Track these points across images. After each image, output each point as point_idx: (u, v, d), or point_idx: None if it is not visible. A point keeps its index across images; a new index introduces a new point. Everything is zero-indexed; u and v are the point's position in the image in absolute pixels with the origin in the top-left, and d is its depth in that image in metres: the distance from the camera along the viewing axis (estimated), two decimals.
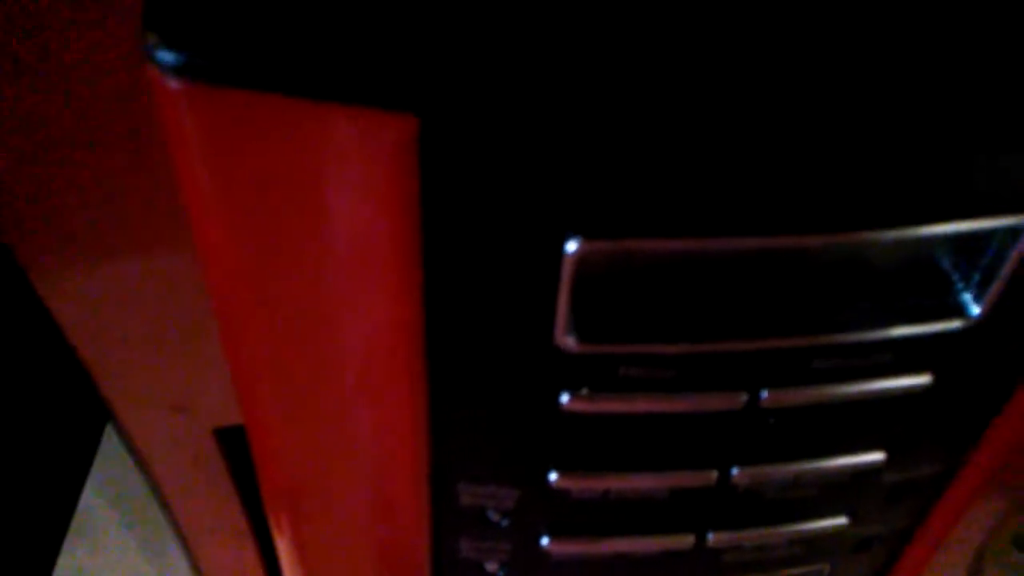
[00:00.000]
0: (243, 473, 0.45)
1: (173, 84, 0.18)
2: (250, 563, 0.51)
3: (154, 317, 0.34)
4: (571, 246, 0.21)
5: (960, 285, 0.23)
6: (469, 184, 0.20)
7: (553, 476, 0.27)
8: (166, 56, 0.18)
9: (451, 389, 0.24)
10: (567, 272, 0.21)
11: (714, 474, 0.27)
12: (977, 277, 0.23)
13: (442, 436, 0.26)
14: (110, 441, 0.85)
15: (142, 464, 0.43)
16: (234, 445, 0.43)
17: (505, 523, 0.29)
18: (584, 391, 0.24)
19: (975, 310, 0.23)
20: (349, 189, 0.20)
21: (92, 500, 0.81)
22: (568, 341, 0.22)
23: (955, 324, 0.23)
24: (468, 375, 0.24)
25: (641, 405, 0.24)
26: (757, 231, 0.21)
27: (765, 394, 0.24)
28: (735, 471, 0.27)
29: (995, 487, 0.31)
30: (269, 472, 0.29)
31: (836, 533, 0.30)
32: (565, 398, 0.24)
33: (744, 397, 0.24)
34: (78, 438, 0.81)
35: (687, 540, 0.29)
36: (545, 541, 0.29)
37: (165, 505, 0.46)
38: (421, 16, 0.18)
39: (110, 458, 0.85)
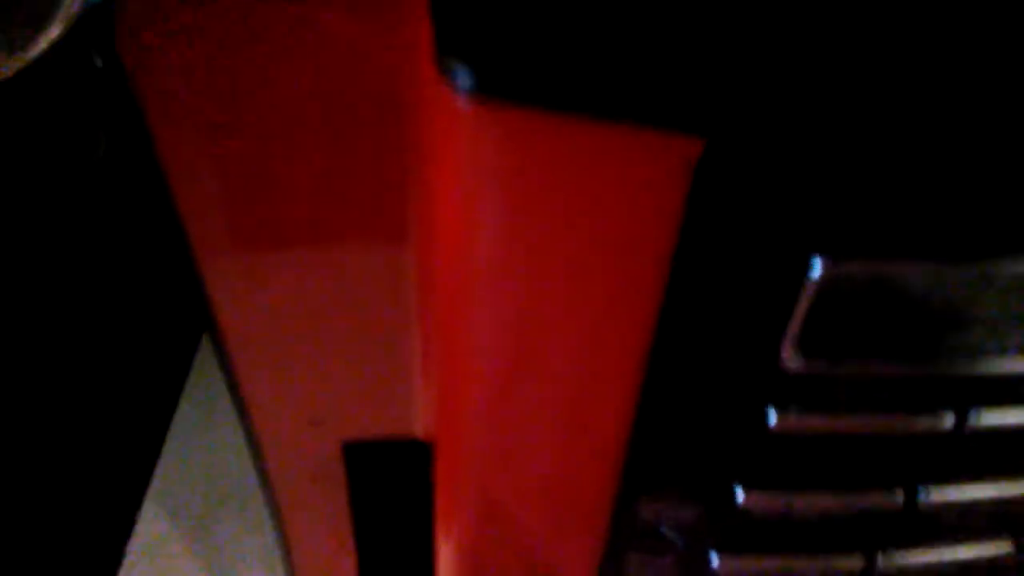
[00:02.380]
0: (360, 490, 0.45)
1: (467, 104, 0.19)
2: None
3: (310, 326, 0.35)
4: (817, 269, 0.21)
5: None
6: (732, 205, 0.20)
7: (740, 494, 0.27)
8: (464, 77, 0.18)
9: (661, 401, 0.25)
10: (808, 291, 0.22)
11: (900, 497, 0.27)
12: None
13: (639, 447, 0.26)
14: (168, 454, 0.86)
15: (262, 473, 0.44)
16: (355, 461, 0.43)
17: (679, 541, 0.29)
18: (793, 410, 0.25)
19: None
20: (617, 206, 0.20)
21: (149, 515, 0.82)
22: (794, 360, 0.23)
23: None
24: (683, 390, 0.24)
25: (849, 425, 0.25)
26: (997, 254, 0.21)
27: (973, 416, 0.25)
28: (922, 494, 0.27)
29: None
30: (454, 483, 0.29)
31: (1000, 556, 0.30)
32: (773, 417, 0.25)
33: (952, 419, 0.25)
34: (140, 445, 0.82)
35: (856, 562, 0.30)
36: (715, 560, 0.29)
37: (276, 515, 0.47)
38: (703, 36, 0.19)
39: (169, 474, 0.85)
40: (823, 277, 0.21)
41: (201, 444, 0.82)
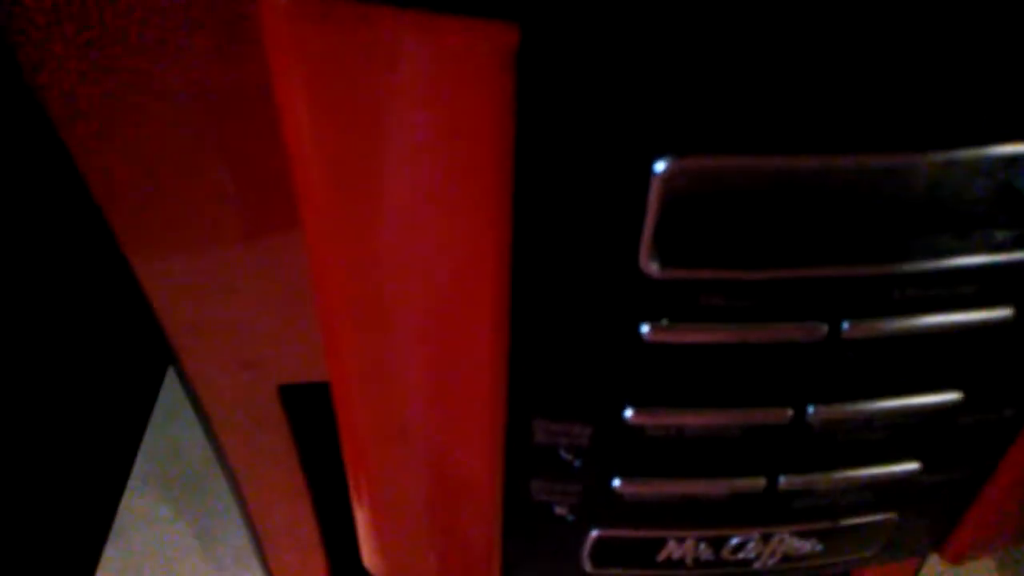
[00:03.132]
0: (303, 432, 0.46)
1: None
2: (306, 522, 0.52)
3: (230, 270, 0.35)
4: (660, 165, 0.21)
5: None
6: (563, 101, 0.20)
7: (629, 412, 0.27)
8: None
9: (533, 318, 0.25)
10: (655, 192, 0.21)
11: (789, 412, 0.27)
12: None
13: (521, 369, 0.26)
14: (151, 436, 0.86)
15: (205, 422, 0.44)
16: (296, 404, 0.44)
17: (577, 463, 0.29)
18: (664, 321, 0.24)
19: None
20: (444, 106, 0.20)
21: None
22: (652, 266, 0.23)
23: None
24: (551, 303, 0.24)
25: (721, 335, 0.25)
26: (841, 148, 0.21)
27: (846, 325, 0.24)
28: (811, 409, 0.27)
29: None
30: (349, 419, 0.29)
31: (907, 479, 0.30)
32: (645, 328, 0.24)
33: (825, 328, 0.24)
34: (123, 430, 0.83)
35: (758, 483, 0.29)
36: (616, 482, 0.29)
37: (225, 465, 0.47)
38: None
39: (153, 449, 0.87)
40: (666, 174, 0.21)
41: (188, 416, 0.83)
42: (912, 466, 0.30)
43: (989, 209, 0.23)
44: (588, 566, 0.33)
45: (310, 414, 0.44)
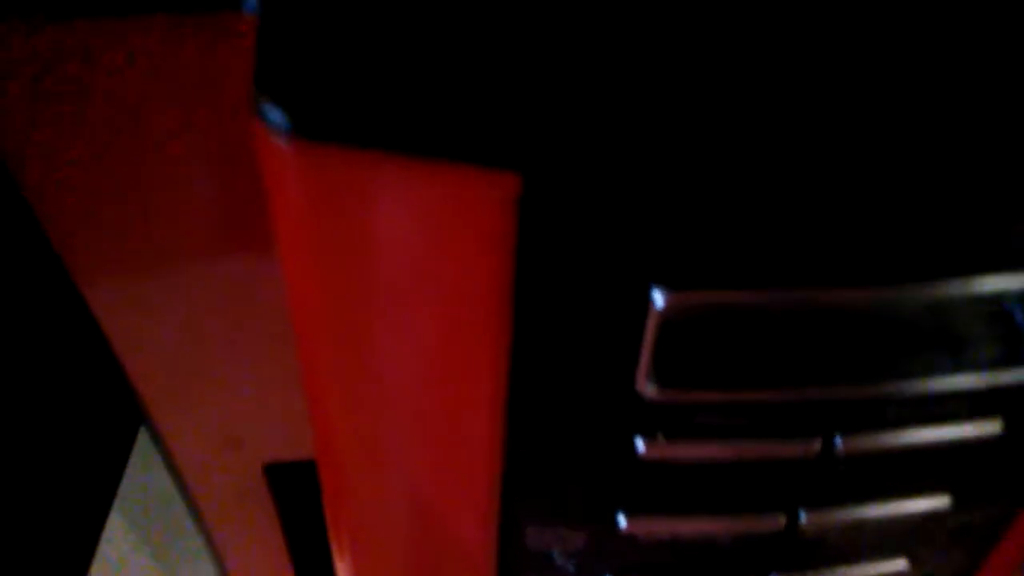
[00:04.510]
0: (288, 510, 0.45)
1: (282, 143, 0.18)
2: None
3: (215, 350, 0.35)
4: (658, 300, 0.21)
5: None
6: (563, 238, 0.20)
7: (622, 520, 0.27)
8: (276, 116, 0.18)
9: (528, 432, 0.25)
10: (652, 322, 0.21)
11: (782, 519, 0.27)
12: None
13: (514, 477, 0.26)
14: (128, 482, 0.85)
15: (189, 498, 0.44)
16: (281, 482, 0.43)
17: (571, 567, 0.29)
18: (660, 438, 0.24)
19: None
20: (446, 243, 0.20)
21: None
22: (649, 388, 0.23)
23: None
24: (547, 419, 0.24)
25: (716, 452, 0.25)
26: (836, 283, 0.21)
27: (839, 441, 0.24)
28: (803, 516, 0.27)
29: None
30: (337, 507, 0.29)
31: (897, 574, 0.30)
32: (640, 444, 0.25)
33: (818, 444, 0.25)
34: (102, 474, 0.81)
35: None
36: None
37: (209, 540, 0.47)
38: (518, 75, 0.19)
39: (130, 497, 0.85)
40: (665, 307, 0.21)
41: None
42: (901, 565, 0.30)
43: (981, 332, 0.24)
44: None
45: (295, 491, 0.44)
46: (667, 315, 0.21)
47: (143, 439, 0.87)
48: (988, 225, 0.21)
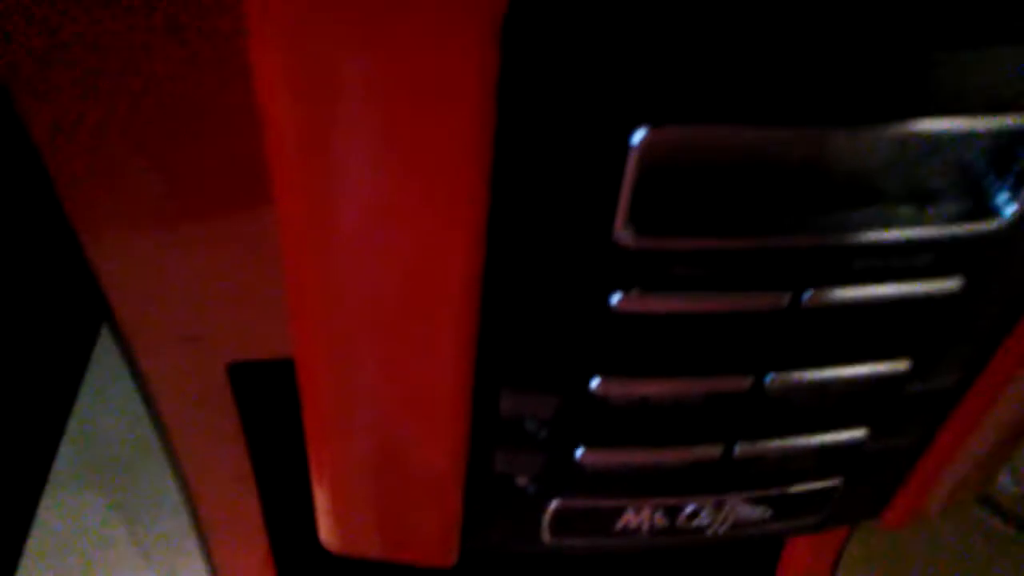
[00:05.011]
0: (251, 413, 0.45)
1: None
2: (249, 508, 0.51)
3: (179, 244, 0.34)
4: (637, 135, 0.21)
5: (996, 187, 0.24)
6: (544, 72, 0.20)
7: (596, 381, 0.27)
8: None
9: (506, 286, 0.25)
10: (632, 163, 0.22)
11: (749, 380, 0.28)
12: (1012, 179, 0.24)
13: (490, 337, 0.26)
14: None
15: (149, 398, 0.43)
16: (243, 383, 0.43)
17: (542, 434, 0.29)
18: (635, 290, 0.25)
19: (1008, 211, 0.24)
20: (429, 75, 0.20)
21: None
22: (626, 235, 0.23)
23: (989, 225, 0.24)
24: (524, 271, 0.24)
25: (690, 305, 0.25)
26: (806, 121, 0.22)
27: (808, 294, 0.25)
28: (769, 377, 0.28)
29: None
30: (314, 391, 0.29)
31: (855, 445, 0.31)
32: (616, 298, 0.25)
33: (787, 298, 0.25)
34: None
35: (716, 450, 0.30)
36: (579, 452, 0.30)
37: (166, 445, 0.46)
38: None
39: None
40: (644, 145, 0.21)
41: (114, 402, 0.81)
42: (860, 433, 0.31)
43: (945, 184, 0.24)
44: (547, 536, 0.33)
45: (258, 393, 0.44)
46: (645, 153, 0.21)
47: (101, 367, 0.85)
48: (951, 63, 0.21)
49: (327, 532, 0.35)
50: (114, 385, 0.43)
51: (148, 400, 0.43)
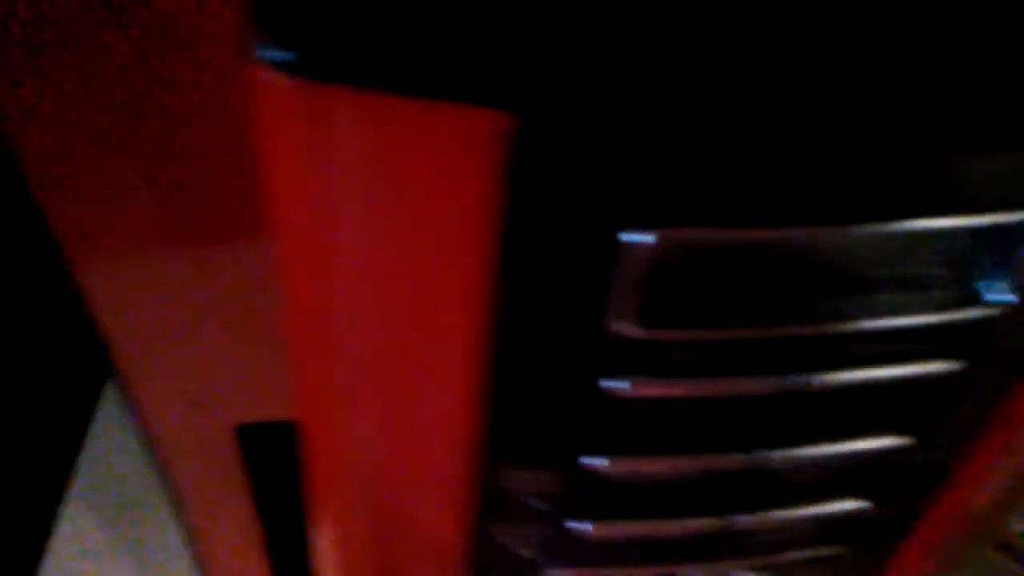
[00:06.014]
0: (257, 470, 0.46)
1: (285, 83, 0.19)
2: (254, 562, 0.51)
3: (185, 313, 0.35)
4: (627, 237, 0.22)
5: (993, 276, 0.25)
6: (549, 177, 0.21)
7: (595, 460, 0.28)
8: (279, 56, 0.19)
9: (508, 372, 0.25)
10: (632, 261, 0.22)
11: (746, 456, 0.28)
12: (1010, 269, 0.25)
13: (494, 419, 0.27)
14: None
15: (158, 459, 0.44)
16: (250, 444, 0.44)
17: (543, 507, 0.30)
18: (633, 377, 0.25)
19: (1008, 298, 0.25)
20: (439, 180, 0.21)
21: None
22: (630, 328, 0.24)
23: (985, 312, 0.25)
24: (528, 360, 0.25)
25: (688, 390, 0.26)
26: (802, 222, 0.22)
27: (803, 378, 0.26)
28: (767, 453, 0.28)
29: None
30: (321, 460, 0.30)
31: (856, 514, 0.32)
32: (613, 383, 0.25)
33: (784, 380, 0.26)
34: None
35: (715, 523, 0.31)
36: (577, 524, 0.30)
37: (175, 501, 0.47)
38: (515, 21, 0.19)
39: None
40: (634, 245, 0.22)
41: (123, 440, 0.81)
42: (858, 504, 0.31)
43: (937, 274, 0.25)
44: None
45: (265, 453, 0.44)
46: (635, 252, 0.22)
47: (110, 406, 0.85)
48: (939, 169, 0.22)
49: None
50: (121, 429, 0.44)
51: (161, 463, 0.44)
